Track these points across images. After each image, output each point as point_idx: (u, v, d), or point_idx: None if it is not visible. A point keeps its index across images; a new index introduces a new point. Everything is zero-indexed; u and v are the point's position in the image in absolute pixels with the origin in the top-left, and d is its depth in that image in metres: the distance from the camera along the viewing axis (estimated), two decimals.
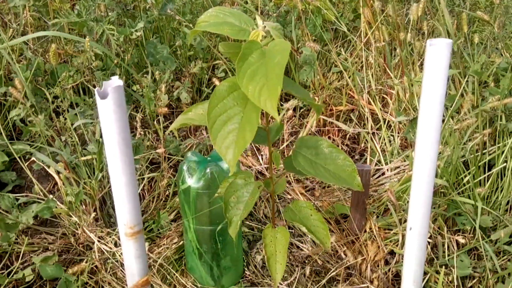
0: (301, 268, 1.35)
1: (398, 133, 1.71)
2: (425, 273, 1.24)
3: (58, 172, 1.43)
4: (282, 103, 1.92)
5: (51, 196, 1.46)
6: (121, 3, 1.80)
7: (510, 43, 1.83)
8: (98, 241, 1.33)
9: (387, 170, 1.64)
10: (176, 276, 1.30)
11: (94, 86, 1.72)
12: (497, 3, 1.87)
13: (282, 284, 1.29)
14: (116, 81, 0.77)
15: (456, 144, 1.39)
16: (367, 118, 1.80)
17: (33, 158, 1.49)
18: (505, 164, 1.43)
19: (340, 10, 2.16)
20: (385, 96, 1.85)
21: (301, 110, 1.91)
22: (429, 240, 1.35)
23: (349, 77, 1.84)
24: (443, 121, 1.45)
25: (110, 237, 1.35)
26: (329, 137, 1.86)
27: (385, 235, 1.41)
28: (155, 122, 1.68)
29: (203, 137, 1.80)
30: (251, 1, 2.09)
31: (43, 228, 1.44)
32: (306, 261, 1.39)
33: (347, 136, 1.86)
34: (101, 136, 1.43)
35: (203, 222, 1.26)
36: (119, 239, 1.32)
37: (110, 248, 1.32)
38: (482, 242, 1.27)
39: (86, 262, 1.27)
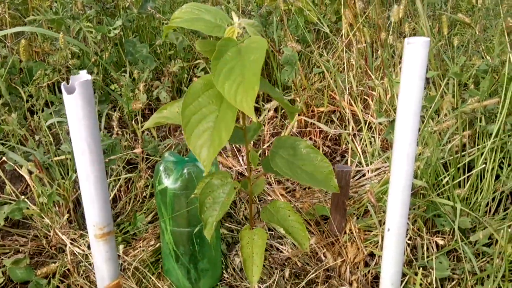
0: (280, 271, 1.33)
1: (379, 134, 1.71)
2: (404, 275, 1.23)
3: (30, 173, 1.39)
4: (263, 103, 1.90)
5: (23, 197, 1.41)
6: (100, 1, 1.77)
7: (490, 45, 1.84)
8: (71, 244, 1.29)
9: (368, 171, 1.63)
10: (152, 280, 1.27)
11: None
12: (478, 6, 1.88)
13: (260, 287, 1.27)
14: (84, 76, 0.74)
15: (435, 146, 1.39)
16: (348, 119, 1.79)
17: (4, 158, 1.44)
18: (484, 165, 1.43)
19: (323, 12, 2.15)
20: (366, 97, 1.85)
21: (283, 111, 1.90)
22: (408, 242, 1.34)
23: (330, 78, 1.83)
24: (422, 122, 1.45)
25: (83, 239, 1.31)
26: (310, 138, 1.84)
27: (365, 236, 1.40)
28: (133, 122, 1.65)
29: (182, 138, 1.77)
30: (233, 0, 2.07)
31: (14, 230, 1.40)
32: (286, 263, 1.37)
33: (329, 137, 1.85)
34: None
35: (180, 224, 1.23)
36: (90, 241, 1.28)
37: (83, 250, 1.28)
38: (461, 243, 1.26)
39: (57, 264, 1.23)
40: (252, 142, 1.82)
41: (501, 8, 1.67)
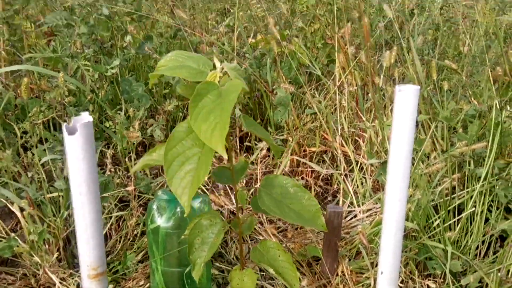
0: None
1: (370, 175, 1.73)
2: None
3: (21, 210, 1.38)
4: (255, 142, 1.93)
5: (13, 234, 1.40)
6: (98, 41, 1.81)
7: (477, 91, 1.90)
8: (60, 283, 1.27)
9: (360, 212, 1.64)
10: None
11: (66, 122, 1.69)
12: (465, 53, 1.95)
13: None
14: (86, 117, 0.76)
15: (426, 188, 1.41)
16: (340, 159, 1.81)
17: None
18: (474, 208, 1.45)
19: (315, 55, 2.22)
20: (357, 138, 1.88)
21: None
22: (401, 285, 1.34)
23: (322, 119, 1.87)
24: (413, 164, 1.47)
25: (72, 278, 1.29)
26: (302, 178, 1.86)
27: (357, 279, 1.39)
28: (126, 159, 1.65)
29: None
30: (228, 43, 2.13)
31: (3, 268, 1.37)
32: None
33: (320, 177, 1.87)
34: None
35: (172, 264, 1.23)
36: (82, 281, 1.26)
37: None
38: (453, 287, 1.26)
39: None
40: (244, 181, 1.83)
41: (486, 56, 1.74)
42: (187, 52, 1.01)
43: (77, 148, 0.74)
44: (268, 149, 1.90)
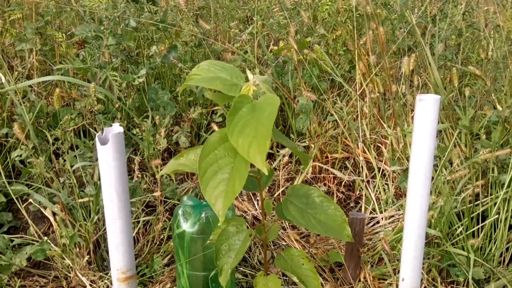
0: None
1: (393, 182, 1.73)
2: None
3: (54, 214, 1.44)
4: (278, 149, 1.95)
5: (45, 238, 1.46)
6: (125, 51, 1.87)
7: (500, 96, 1.89)
8: (90, 285, 1.32)
9: (382, 218, 1.65)
10: None
11: (95, 129, 1.75)
12: (486, 59, 1.94)
13: None
14: (117, 128, 0.80)
15: (448, 195, 1.41)
16: (362, 166, 1.83)
17: (30, 200, 1.50)
18: (497, 215, 1.44)
19: (336, 61, 2.23)
20: (379, 145, 1.89)
21: (297, 157, 1.94)
22: None
23: (344, 126, 1.88)
24: (435, 171, 1.48)
25: (102, 281, 1.34)
26: (324, 184, 1.88)
27: (379, 285, 1.40)
28: (153, 165, 1.70)
29: (199, 181, 1.82)
30: (250, 51, 2.17)
31: (35, 271, 1.43)
32: None
33: (343, 183, 1.88)
34: (99, 179, 1.45)
35: (197, 268, 1.26)
36: (111, 283, 1.31)
37: None
38: None
39: None
40: (267, 187, 1.86)
41: (509, 61, 1.73)
42: (220, 62, 1.01)
43: (108, 158, 0.78)
44: (290, 156, 1.92)
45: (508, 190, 1.44)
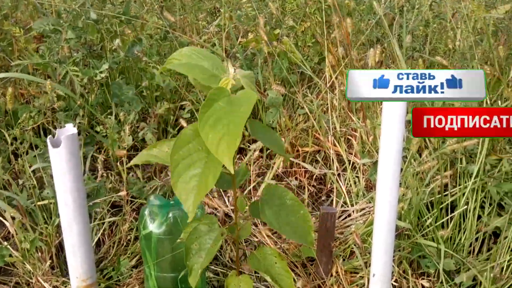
0: None
1: (363, 174, 1.73)
2: None
3: (13, 218, 1.37)
4: (249, 144, 1.92)
5: (5, 243, 1.39)
6: (87, 44, 1.79)
7: None
8: None
9: (353, 211, 1.64)
10: None
11: (55, 127, 1.68)
12: (453, 50, 1.95)
13: None
14: (70, 129, 0.75)
15: (418, 187, 1.41)
16: (332, 159, 1.81)
17: None
18: (466, 206, 1.45)
19: (306, 54, 2.21)
20: (349, 137, 1.88)
21: (268, 151, 1.91)
22: (395, 284, 1.34)
23: (314, 119, 1.86)
24: (404, 162, 1.47)
25: (65, 286, 1.28)
26: (296, 178, 1.86)
27: (351, 279, 1.39)
28: (118, 164, 1.64)
29: (168, 179, 1.77)
30: (218, 43, 2.12)
31: None
32: None
33: (314, 177, 1.86)
34: None
35: (165, 269, 1.22)
36: None
37: None
38: (446, 285, 1.27)
39: None
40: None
41: (475, 52, 1.74)
42: (202, 49, 0.97)
43: (61, 161, 0.73)
44: (261, 150, 1.89)
45: (477, 180, 1.45)
